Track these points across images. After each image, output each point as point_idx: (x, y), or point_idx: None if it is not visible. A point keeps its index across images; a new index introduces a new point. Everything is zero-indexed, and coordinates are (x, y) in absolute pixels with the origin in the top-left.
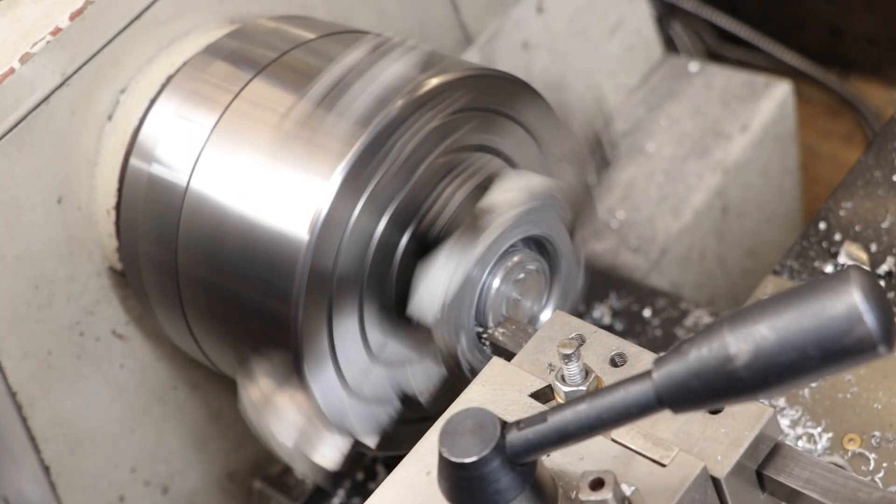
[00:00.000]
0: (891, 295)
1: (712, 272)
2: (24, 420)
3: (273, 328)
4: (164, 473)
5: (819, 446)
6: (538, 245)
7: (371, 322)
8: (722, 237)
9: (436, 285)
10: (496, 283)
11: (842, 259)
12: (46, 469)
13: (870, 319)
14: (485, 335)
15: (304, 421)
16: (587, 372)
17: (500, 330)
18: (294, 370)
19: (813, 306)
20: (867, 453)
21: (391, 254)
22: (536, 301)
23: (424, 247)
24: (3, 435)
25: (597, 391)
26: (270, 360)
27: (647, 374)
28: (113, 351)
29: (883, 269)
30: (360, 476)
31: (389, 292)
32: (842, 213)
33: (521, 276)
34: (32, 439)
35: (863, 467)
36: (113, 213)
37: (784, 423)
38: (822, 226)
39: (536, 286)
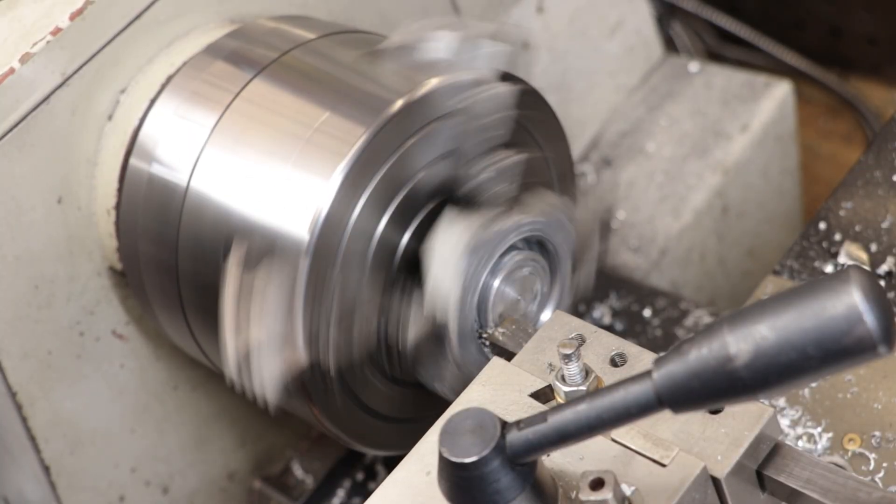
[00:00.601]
0: (891, 295)
1: (712, 272)
2: (24, 420)
3: None
4: (164, 473)
5: (819, 446)
6: (538, 245)
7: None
8: (722, 237)
9: (449, 264)
10: (496, 283)
11: (842, 259)
12: (46, 469)
13: (870, 319)
14: (485, 335)
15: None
16: (587, 372)
17: (500, 330)
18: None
19: (813, 306)
20: (867, 453)
21: (392, 253)
22: (536, 301)
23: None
24: (3, 435)
25: (597, 391)
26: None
27: (647, 374)
28: (113, 351)
29: (883, 269)
30: (360, 476)
31: (390, 292)
32: (842, 213)
33: (522, 275)
34: (32, 439)
35: (863, 467)
36: (113, 213)
37: (784, 423)
38: (822, 226)
39: (537, 286)
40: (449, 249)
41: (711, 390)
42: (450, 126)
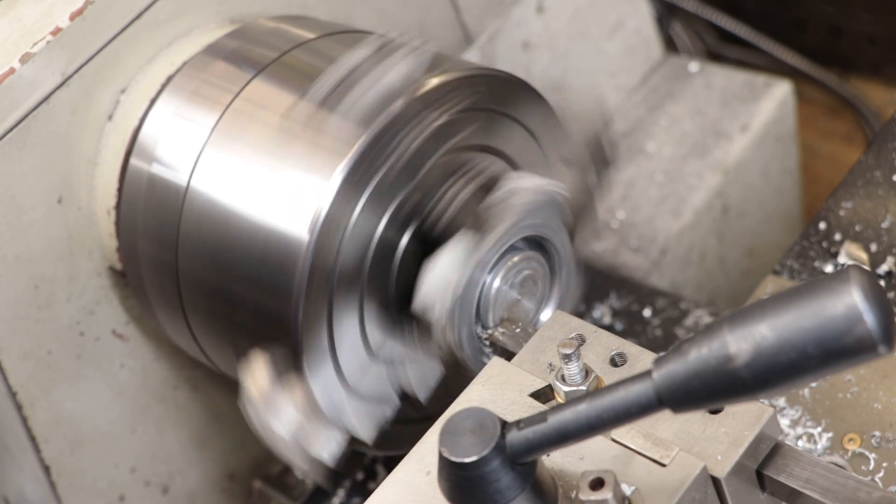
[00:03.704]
0: (891, 295)
1: (712, 272)
2: (24, 420)
3: (273, 328)
4: (164, 473)
5: (819, 446)
6: (538, 245)
7: (371, 321)
8: (722, 237)
9: (442, 281)
10: (496, 283)
11: (842, 259)
12: (47, 469)
13: (870, 319)
14: (485, 335)
15: (302, 416)
16: (587, 372)
17: (501, 330)
18: (293, 366)
19: (813, 306)
20: (867, 453)
21: (391, 253)
22: (536, 301)
23: (426, 246)
24: (3, 435)
25: (597, 391)
26: (270, 353)
27: (648, 373)
28: (113, 351)
29: (883, 268)
30: (360, 476)
31: (390, 292)
32: (842, 212)
33: (522, 275)
34: (33, 439)
35: (863, 467)
36: (113, 213)
37: (784, 422)
38: (822, 226)
39: (537, 286)
40: (440, 296)
41: (711, 390)
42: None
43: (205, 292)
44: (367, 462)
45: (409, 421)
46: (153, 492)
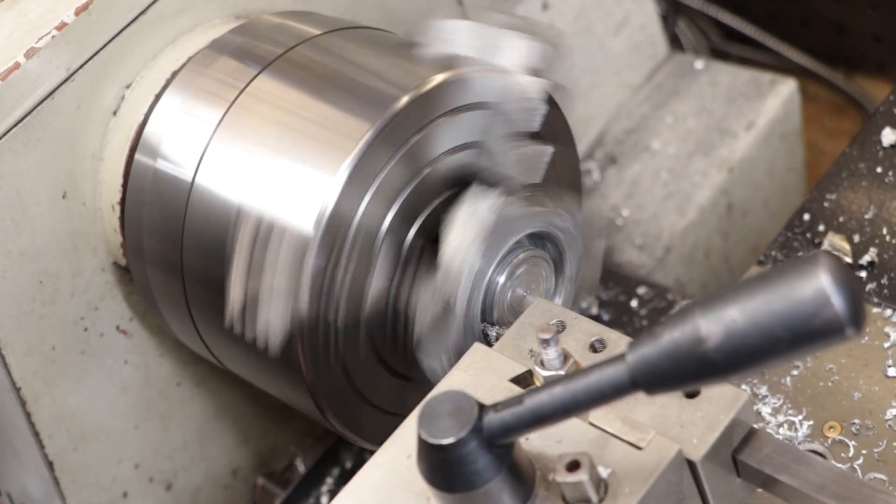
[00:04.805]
0: (872, 285)
1: (717, 270)
2: (28, 415)
3: None
4: (167, 469)
5: (800, 434)
6: (544, 242)
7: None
8: (727, 235)
9: (479, 214)
10: (502, 278)
11: (825, 249)
12: (50, 464)
13: (837, 302)
14: (490, 332)
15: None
16: (566, 357)
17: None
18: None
19: (782, 289)
20: (847, 440)
21: (398, 248)
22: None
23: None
24: (7, 430)
25: (572, 373)
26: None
27: (622, 356)
28: (117, 346)
29: (866, 259)
30: (348, 464)
31: (396, 282)
32: (826, 204)
33: (527, 272)
34: (36, 434)
35: (842, 454)
36: (118, 209)
37: (765, 410)
38: (806, 217)
39: (542, 282)
40: (468, 229)
41: (683, 372)
42: (475, 116)
43: (209, 288)
44: (356, 450)
45: (399, 413)
46: (156, 488)
